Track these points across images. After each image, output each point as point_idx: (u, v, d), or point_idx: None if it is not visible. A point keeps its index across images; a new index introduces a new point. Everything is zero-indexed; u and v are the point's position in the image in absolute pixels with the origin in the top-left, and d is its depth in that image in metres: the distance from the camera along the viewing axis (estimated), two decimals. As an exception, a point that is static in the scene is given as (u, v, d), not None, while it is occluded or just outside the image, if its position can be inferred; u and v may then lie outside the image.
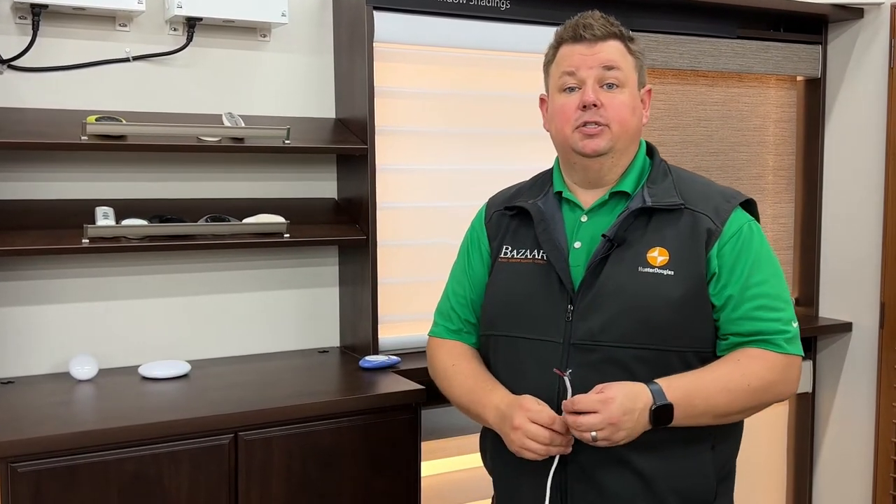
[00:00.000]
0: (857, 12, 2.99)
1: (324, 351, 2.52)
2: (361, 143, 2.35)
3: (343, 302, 2.56)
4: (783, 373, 1.54)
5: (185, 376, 2.19)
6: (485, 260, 1.73)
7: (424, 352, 2.49)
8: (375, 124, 2.35)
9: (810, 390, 3.19)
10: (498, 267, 1.68)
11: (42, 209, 2.17)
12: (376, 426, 2.03)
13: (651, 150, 1.69)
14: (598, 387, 1.46)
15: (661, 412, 1.44)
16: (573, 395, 1.46)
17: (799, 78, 3.18)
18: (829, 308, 3.17)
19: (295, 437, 1.94)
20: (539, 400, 1.51)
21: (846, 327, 3.08)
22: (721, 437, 1.58)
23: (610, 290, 1.53)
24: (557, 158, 1.70)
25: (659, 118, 2.93)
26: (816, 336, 3.17)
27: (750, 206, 1.63)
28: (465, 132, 2.63)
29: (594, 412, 1.41)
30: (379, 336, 2.39)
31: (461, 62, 2.61)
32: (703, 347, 1.55)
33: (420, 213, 2.56)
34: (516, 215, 1.69)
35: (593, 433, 1.42)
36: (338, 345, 2.58)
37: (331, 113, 2.53)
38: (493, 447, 1.65)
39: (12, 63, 2.16)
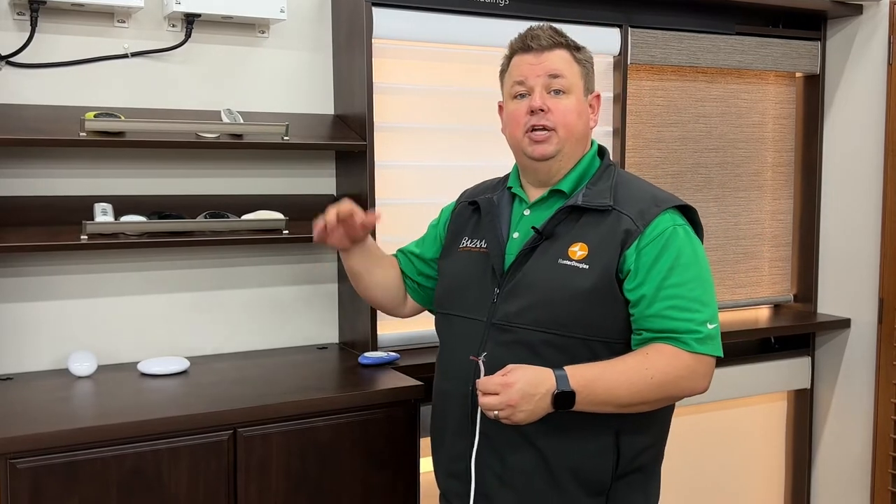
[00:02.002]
0: (856, 8, 2.99)
1: (323, 347, 2.52)
2: (360, 139, 2.35)
3: (342, 298, 2.56)
4: (689, 370, 1.61)
5: (184, 373, 2.19)
6: (436, 238, 1.94)
7: (424, 348, 2.52)
8: (374, 121, 2.35)
9: (809, 386, 3.19)
10: (456, 254, 1.84)
11: (41, 206, 2.17)
12: (375, 422, 2.03)
13: (602, 153, 1.80)
14: (505, 368, 1.57)
15: (563, 398, 1.54)
16: (486, 375, 1.58)
17: (798, 74, 3.18)
18: (828, 304, 3.17)
19: (294, 434, 1.94)
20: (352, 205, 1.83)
21: (844, 323, 3.08)
22: (628, 429, 1.65)
23: (530, 279, 1.66)
24: None
25: (658, 114, 2.93)
26: (815, 332, 3.18)
27: (690, 213, 1.71)
28: (464, 129, 2.63)
29: (495, 394, 1.53)
30: (378, 332, 2.40)
31: (460, 59, 2.61)
32: (610, 338, 1.64)
33: (419, 210, 2.55)
34: (477, 209, 1.84)
35: (494, 412, 1.54)
36: (337, 341, 2.58)
37: (330, 109, 2.53)
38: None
39: (10, 59, 2.16)
